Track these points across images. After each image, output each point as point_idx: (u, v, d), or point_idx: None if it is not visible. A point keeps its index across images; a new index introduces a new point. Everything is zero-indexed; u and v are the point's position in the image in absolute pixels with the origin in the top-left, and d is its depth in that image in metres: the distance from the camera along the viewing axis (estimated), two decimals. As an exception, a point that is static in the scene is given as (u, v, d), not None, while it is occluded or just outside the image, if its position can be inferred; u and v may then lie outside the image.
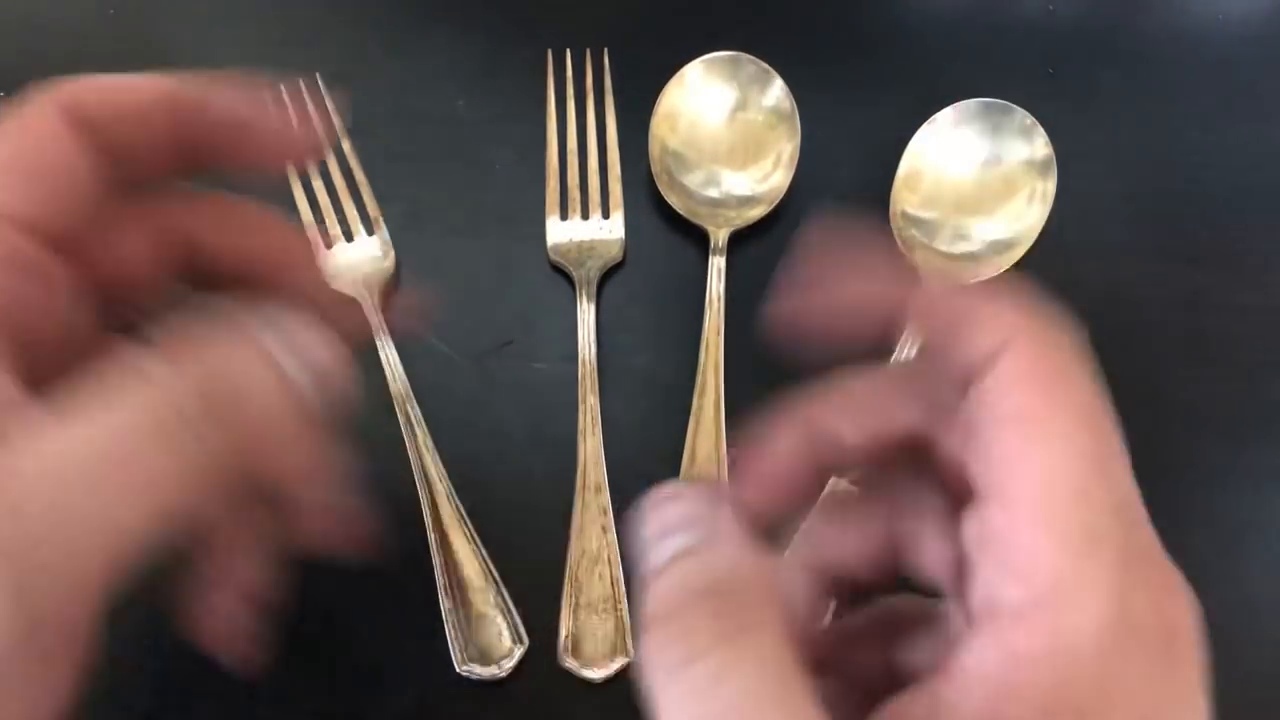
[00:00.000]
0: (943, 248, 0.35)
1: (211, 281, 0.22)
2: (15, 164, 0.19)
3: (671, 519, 0.18)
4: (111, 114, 0.20)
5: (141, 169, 0.21)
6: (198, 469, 0.18)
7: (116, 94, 0.20)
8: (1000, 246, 0.35)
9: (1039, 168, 0.36)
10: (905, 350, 0.31)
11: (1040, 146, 0.36)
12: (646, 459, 0.32)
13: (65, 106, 0.19)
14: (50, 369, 0.18)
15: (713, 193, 0.36)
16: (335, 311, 0.21)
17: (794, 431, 0.21)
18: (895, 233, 0.35)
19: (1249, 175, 0.38)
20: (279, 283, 0.22)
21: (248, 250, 0.22)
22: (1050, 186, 0.35)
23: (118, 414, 0.17)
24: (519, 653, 0.29)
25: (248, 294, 0.22)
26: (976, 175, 0.36)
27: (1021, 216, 0.35)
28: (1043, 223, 0.35)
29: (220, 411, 0.18)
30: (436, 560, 0.30)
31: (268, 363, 0.19)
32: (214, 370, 0.18)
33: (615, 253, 0.36)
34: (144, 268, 0.21)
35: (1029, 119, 0.36)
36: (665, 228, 0.37)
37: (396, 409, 0.32)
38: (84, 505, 0.16)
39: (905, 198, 0.36)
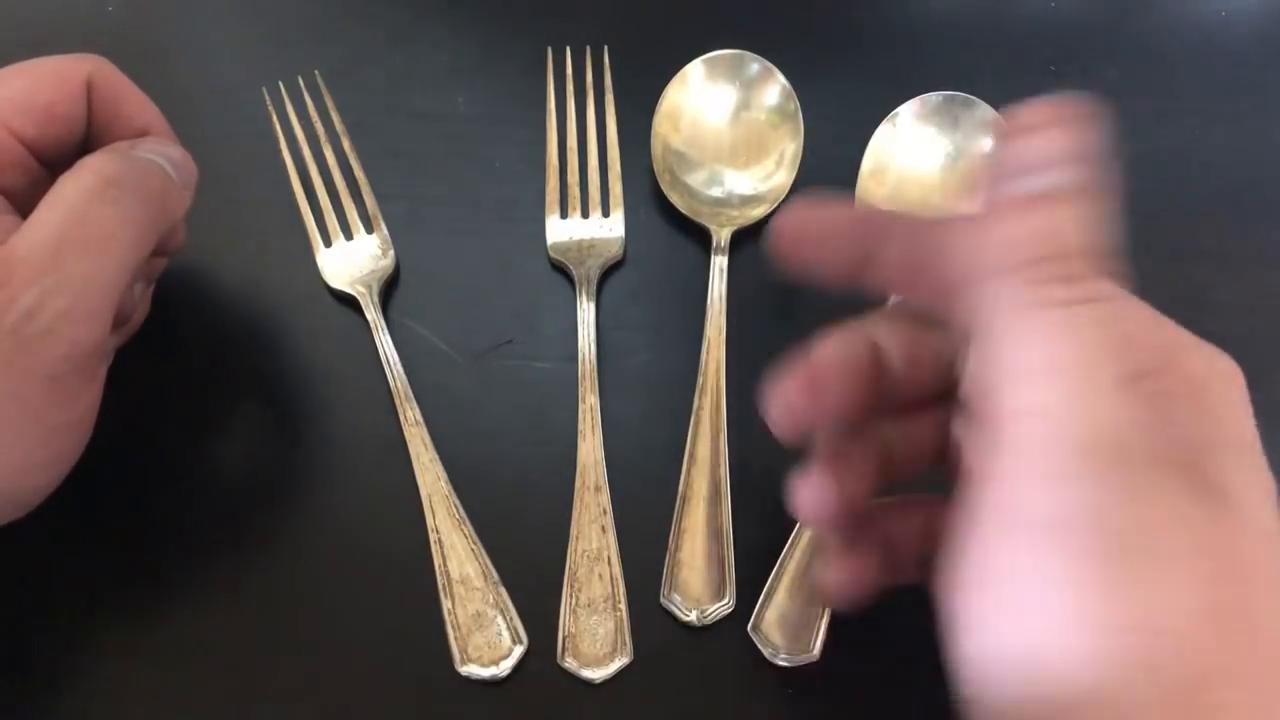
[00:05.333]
0: None
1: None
2: (35, 98, 0.27)
3: (1053, 153, 0.19)
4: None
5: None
6: (135, 223, 0.25)
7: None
8: None
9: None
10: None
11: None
12: (646, 459, 0.32)
13: (88, 73, 0.28)
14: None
15: (716, 192, 0.36)
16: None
17: (848, 340, 0.22)
18: None
19: (1251, 173, 0.38)
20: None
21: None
22: None
23: (69, 190, 0.25)
24: (518, 653, 0.29)
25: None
26: (940, 169, 0.36)
27: None
28: None
29: (138, 179, 0.26)
30: (436, 560, 0.30)
31: (150, 157, 0.27)
32: (123, 157, 0.26)
33: (615, 251, 0.35)
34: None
35: (990, 113, 0.36)
36: (666, 226, 0.37)
37: (396, 408, 0.32)
38: (69, 268, 0.24)
39: (871, 190, 0.36)
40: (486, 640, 0.29)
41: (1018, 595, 0.16)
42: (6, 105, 0.27)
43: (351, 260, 0.35)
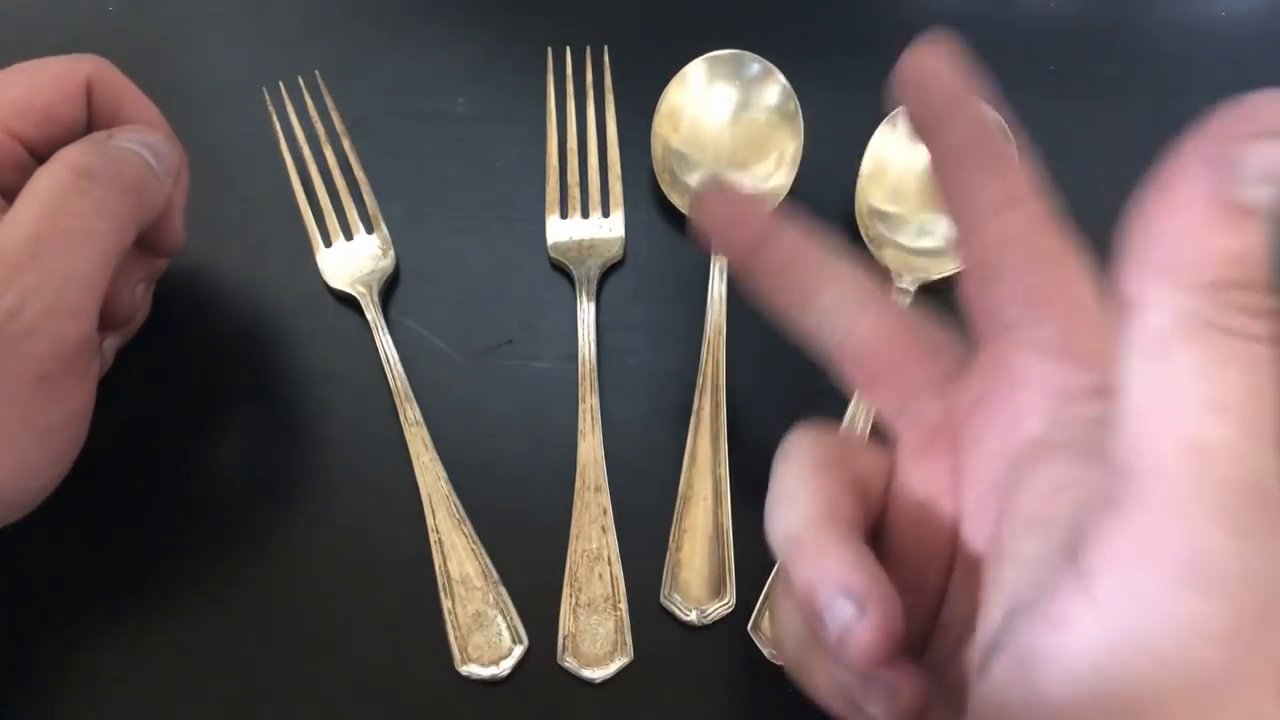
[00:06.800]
0: (907, 243, 0.35)
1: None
2: (34, 100, 0.27)
3: None
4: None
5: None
6: (112, 215, 0.25)
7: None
8: None
9: None
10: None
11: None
12: (646, 459, 0.32)
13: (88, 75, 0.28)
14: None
15: (714, 192, 0.36)
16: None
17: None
18: (862, 230, 0.35)
19: (1250, 174, 0.38)
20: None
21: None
22: None
23: (42, 184, 0.24)
24: (518, 652, 0.29)
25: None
26: None
27: None
28: None
29: (114, 169, 0.26)
30: (436, 560, 0.30)
31: (128, 145, 0.27)
32: (97, 147, 0.26)
33: (615, 251, 0.35)
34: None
35: (990, 113, 0.36)
36: (666, 226, 0.37)
37: (396, 408, 0.32)
38: (47, 265, 0.24)
39: (871, 192, 0.36)
40: (487, 640, 0.29)
41: (1133, 622, 0.16)
42: (6, 107, 0.27)
43: (351, 260, 0.35)
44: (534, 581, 0.30)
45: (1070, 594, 0.16)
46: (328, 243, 0.35)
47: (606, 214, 0.36)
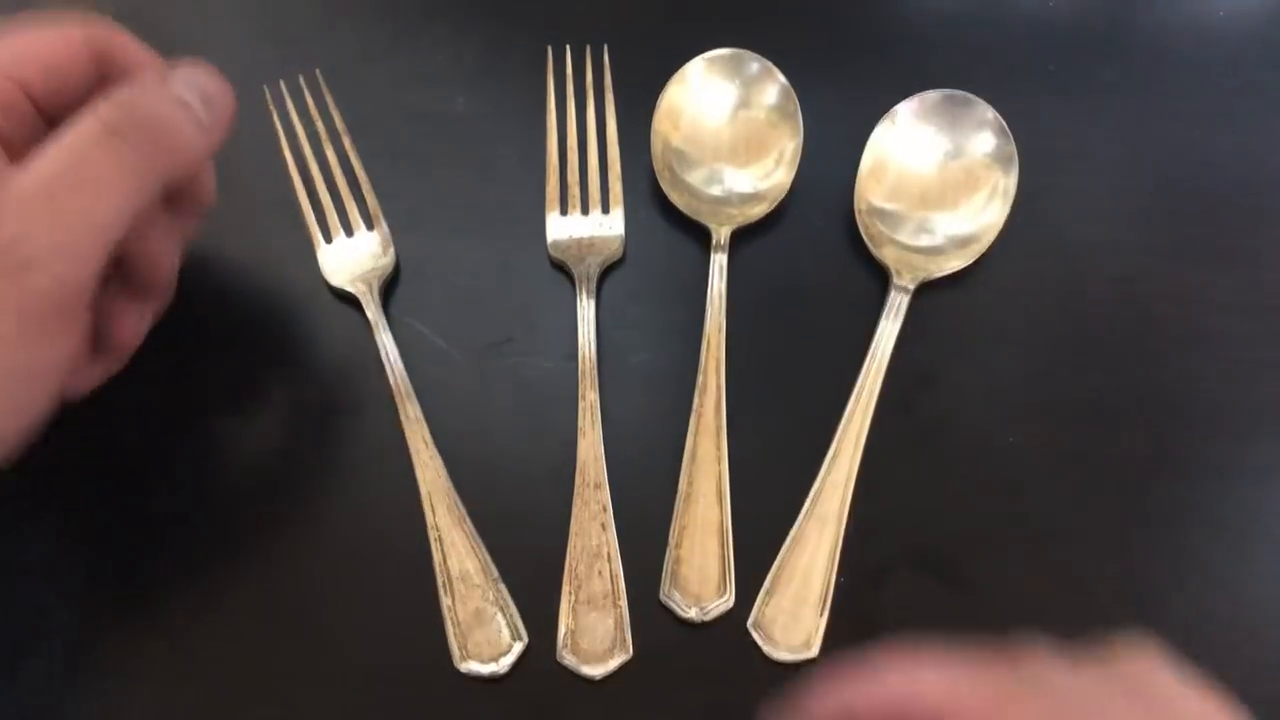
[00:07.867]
0: (906, 241, 0.35)
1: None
2: (38, 54, 0.27)
3: None
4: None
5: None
6: (135, 171, 0.25)
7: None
8: (962, 241, 0.35)
9: (1001, 163, 0.36)
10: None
11: (1003, 141, 0.36)
12: (646, 457, 0.32)
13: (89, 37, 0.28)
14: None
15: (715, 190, 0.36)
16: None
17: None
18: (861, 229, 0.35)
19: (1250, 172, 0.38)
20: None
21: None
22: (1011, 183, 0.35)
23: (70, 135, 0.24)
24: (518, 649, 0.29)
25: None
26: (938, 168, 0.36)
27: (982, 212, 0.35)
28: (1004, 219, 0.35)
29: (145, 131, 0.25)
30: (436, 557, 0.30)
31: (168, 89, 0.26)
32: (129, 97, 0.25)
33: (615, 249, 0.36)
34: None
35: (990, 112, 0.36)
36: (666, 225, 0.37)
37: (396, 406, 0.32)
38: (61, 204, 0.23)
39: (870, 190, 0.36)
40: (486, 637, 0.29)
41: None
42: (5, 54, 0.27)
43: (352, 258, 0.35)
44: (534, 578, 0.30)
45: None
46: (328, 238, 0.35)
47: (606, 212, 0.36)
